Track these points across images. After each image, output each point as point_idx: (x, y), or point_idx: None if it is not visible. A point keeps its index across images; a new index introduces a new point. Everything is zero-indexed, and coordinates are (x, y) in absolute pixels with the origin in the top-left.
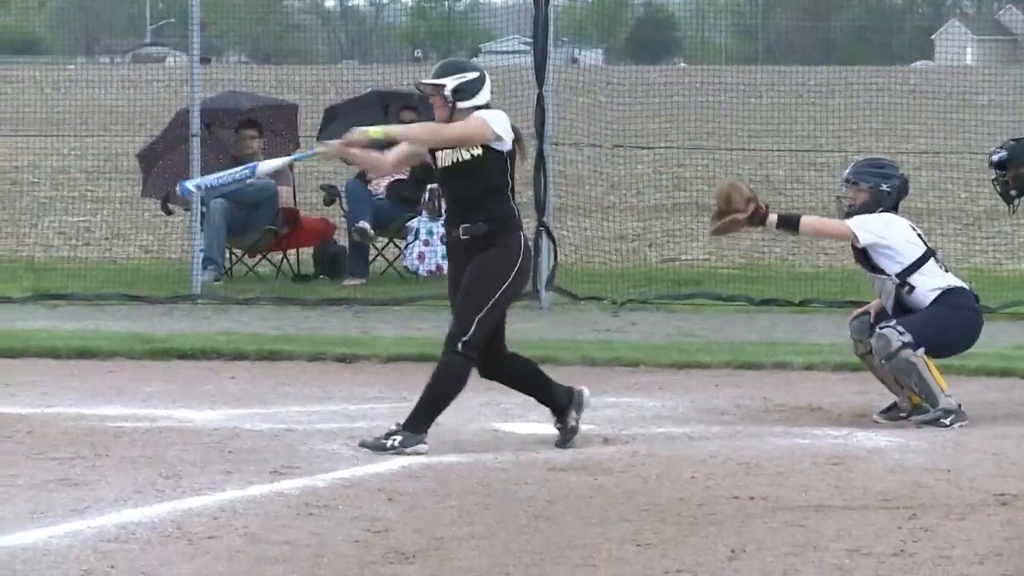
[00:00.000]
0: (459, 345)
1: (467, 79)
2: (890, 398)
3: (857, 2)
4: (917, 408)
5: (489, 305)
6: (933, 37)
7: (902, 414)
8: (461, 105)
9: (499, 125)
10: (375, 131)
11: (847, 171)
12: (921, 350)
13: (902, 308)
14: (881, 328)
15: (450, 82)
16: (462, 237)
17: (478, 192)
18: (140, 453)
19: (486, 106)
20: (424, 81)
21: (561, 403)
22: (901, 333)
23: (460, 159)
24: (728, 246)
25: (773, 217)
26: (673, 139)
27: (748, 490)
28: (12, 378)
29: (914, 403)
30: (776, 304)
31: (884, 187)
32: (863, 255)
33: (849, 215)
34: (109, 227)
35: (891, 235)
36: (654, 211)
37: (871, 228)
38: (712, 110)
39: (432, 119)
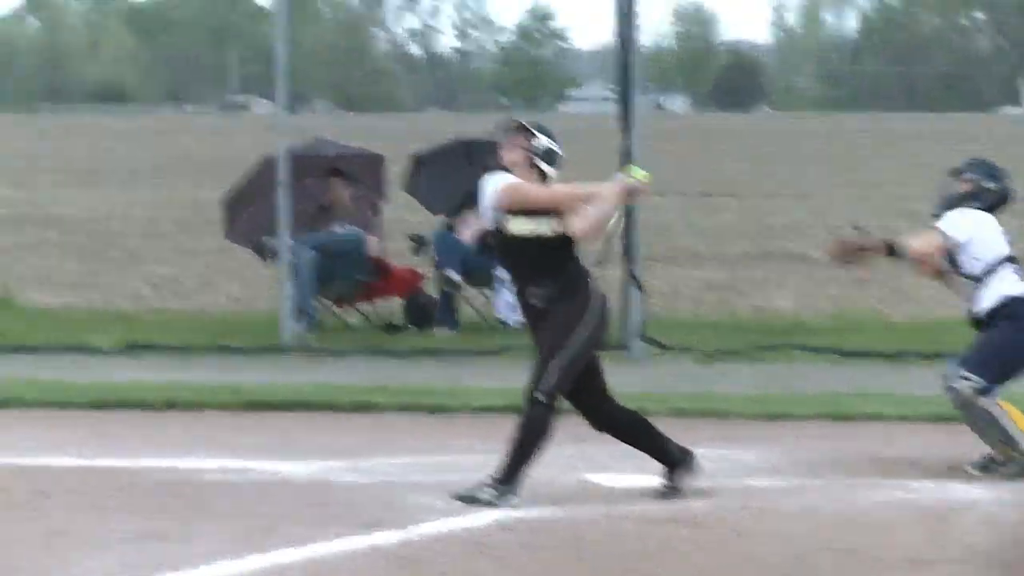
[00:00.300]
0: (540, 395)
1: (556, 151)
2: (985, 449)
3: (943, 49)
4: (1011, 460)
5: (569, 356)
6: (1020, 83)
7: (997, 466)
8: (541, 166)
9: None
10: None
11: (961, 163)
12: (996, 395)
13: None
14: (950, 383)
15: (545, 141)
16: (531, 302)
17: (548, 257)
18: (232, 506)
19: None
20: (525, 123)
21: (675, 459)
22: (968, 379)
23: (542, 234)
24: (817, 294)
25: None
26: (760, 186)
27: (844, 543)
28: (102, 430)
29: (1007, 455)
30: (868, 356)
31: (988, 184)
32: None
33: (942, 206)
34: (199, 277)
35: (979, 233)
36: (742, 260)
37: (962, 225)
38: (799, 156)
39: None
